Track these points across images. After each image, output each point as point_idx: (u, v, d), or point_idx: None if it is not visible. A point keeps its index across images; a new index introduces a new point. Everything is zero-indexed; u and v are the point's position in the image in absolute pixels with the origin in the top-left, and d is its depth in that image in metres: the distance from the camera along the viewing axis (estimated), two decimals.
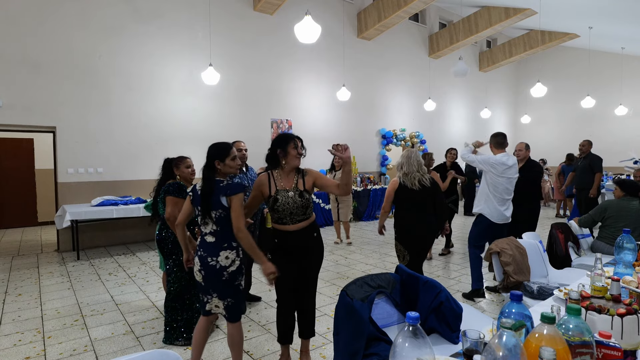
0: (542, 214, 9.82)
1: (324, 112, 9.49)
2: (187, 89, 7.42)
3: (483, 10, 10.41)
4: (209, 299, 2.28)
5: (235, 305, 2.28)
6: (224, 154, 2.28)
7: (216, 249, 2.22)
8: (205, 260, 2.22)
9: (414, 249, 3.32)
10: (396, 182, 3.33)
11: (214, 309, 2.30)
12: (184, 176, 3.18)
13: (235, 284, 2.27)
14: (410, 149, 3.47)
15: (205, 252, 2.23)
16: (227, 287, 2.25)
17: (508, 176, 3.73)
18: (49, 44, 6.07)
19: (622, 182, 3.87)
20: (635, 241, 2.13)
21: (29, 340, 3.08)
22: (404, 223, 3.31)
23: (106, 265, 5.31)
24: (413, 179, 3.25)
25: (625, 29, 10.17)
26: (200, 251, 2.25)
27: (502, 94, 14.99)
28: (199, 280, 2.28)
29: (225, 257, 2.23)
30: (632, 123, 12.65)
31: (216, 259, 2.21)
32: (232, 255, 2.24)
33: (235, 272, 2.26)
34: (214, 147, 2.30)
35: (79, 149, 6.36)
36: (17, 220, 8.54)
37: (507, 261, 2.75)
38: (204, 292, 2.29)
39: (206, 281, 2.24)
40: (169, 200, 2.90)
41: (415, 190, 3.24)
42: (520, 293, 1.19)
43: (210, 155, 2.27)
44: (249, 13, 8.18)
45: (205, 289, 2.27)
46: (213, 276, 2.22)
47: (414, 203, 3.26)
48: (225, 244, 2.24)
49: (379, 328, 1.75)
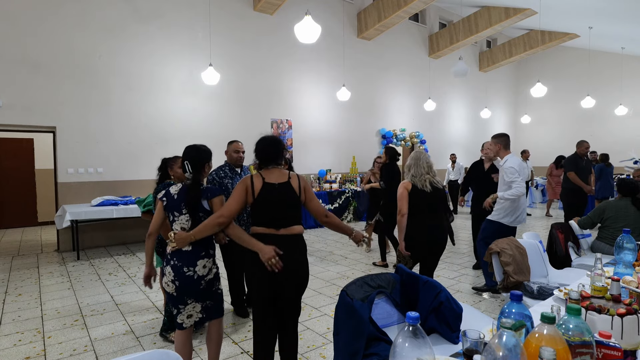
0: (543, 214, 9.82)
1: (324, 112, 9.50)
2: (187, 89, 7.42)
3: (483, 10, 10.41)
4: (182, 309, 2.15)
5: (215, 305, 2.24)
6: (210, 158, 2.29)
7: (194, 257, 2.11)
8: (181, 270, 2.08)
9: (427, 256, 3.11)
10: (408, 184, 3.08)
11: (185, 321, 2.17)
12: (178, 176, 3.15)
13: (213, 289, 2.20)
14: (419, 150, 3.32)
15: (180, 262, 2.09)
16: (206, 293, 2.17)
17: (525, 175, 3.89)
18: (49, 44, 6.08)
19: (619, 182, 3.89)
20: (635, 241, 2.13)
21: (29, 340, 3.08)
22: (414, 232, 3.04)
23: (106, 265, 5.31)
24: (423, 182, 3.07)
25: (625, 29, 10.18)
26: (174, 260, 2.10)
27: (502, 94, 14.99)
28: (170, 291, 2.12)
29: (203, 266, 2.13)
30: (632, 123, 12.65)
31: (193, 269, 2.10)
32: (209, 263, 2.17)
33: (213, 279, 2.19)
34: (205, 151, 2.28)
35: (79, 149, 6.36)
36: (17, 220, 8.54)
37: (507, 261, 2.75)
38: (176, 303, 2.14)
39: (180, 291, 2.10)
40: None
41: (427, 192, 3.04)
42: (520, 293, 1.19)
43: (202, 158, 2.23)
44: (249, 13, 8.18)
45: (179, 299, 2.13)
46: (189, 286, 2.10)
47: (426, 206, 3.05)
48: (202, 252, 2.14)
49: (379, 328, 1.75)
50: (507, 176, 3.74)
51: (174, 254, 2.12)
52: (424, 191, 3.04)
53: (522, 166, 3.78)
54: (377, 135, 10.73)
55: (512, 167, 3.71)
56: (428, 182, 3.06)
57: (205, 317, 2.21)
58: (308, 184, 2.26)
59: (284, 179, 2.16)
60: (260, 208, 2.12)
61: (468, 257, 5.60)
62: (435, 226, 3.07)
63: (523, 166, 3.82)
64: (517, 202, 3.81)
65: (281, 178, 2.16)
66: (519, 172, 3.69)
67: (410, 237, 3.06)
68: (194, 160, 2.21)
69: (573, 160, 6.10)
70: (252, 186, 2.11)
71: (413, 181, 3.08)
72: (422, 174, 3.09)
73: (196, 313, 2.18)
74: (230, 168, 3.45)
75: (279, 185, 2.13)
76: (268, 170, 2.19)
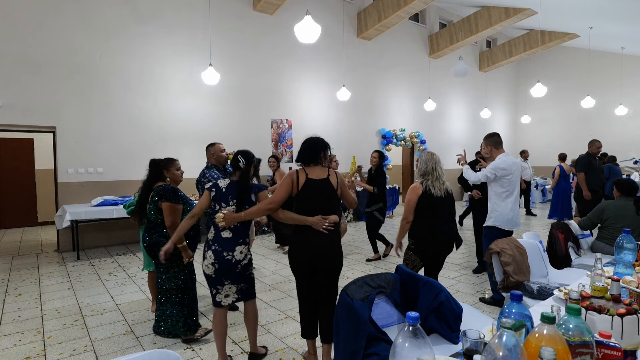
0: (543, 214, 9.82)
1: (324, 112, 9.50)
2: (187, 89, 7.42)
3: (483, 10, 10.41)
4: (220, 289, 2.47)
5: (247, 288, 2.56)
6: (256, 162, 2.66)
7: (233, 244, 2.45)
8: (221, 254, 2.42)
9: (431, 259, 3.08)
10: (419, 189, 3.01)
11: (223, 300, 2.49)
12: (174, 178, 3.14)
13: (247, 273, 2.54)
14: (431, 152, 3.19)
15: (221, 247, 2.43)
16: (241, 276, 2.50)
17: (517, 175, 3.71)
18: (49, 44, 6.08)
19: (618, 182, 3.89)
20: (635, 241, 2.13)
21: (29, 340, 3.08)
22: (425, 232, 3.01)
23: (106, 265, 5.31)
24: (441, 185, 3.03)
25: (625, 29, 10.18)
26: (215, 246, 2.44)
27: (502, 94, 15.00)
28: (209, 273, 2.45)
29: (240, 251, 2.47)
30: (632, 123, 12.65)
31: (232, 254, 2.44)
32: (245, 250, 2.51)
33: (247, 264, 2.53)
34: (254, 156, 2.63)
35: (79, 149, 6.36)
36: (17, 220, 8.54)
37: (507, 261, 2.75)
38: (215, 284, 2.47)
39: (218, 273, 2.43)
40: (167, 208, 2.87)
41: (441, 197, 3.00)
42: (520, 293, 1.19)
43: (253, 158, 2.59)
44: (249, 13, 8.18)
45: (217, 280, 2.46)
46: (227, 268, 2.43)
47: (437, 211, 3.01)
48: (240, 239, 2.48)
49: (379, 328, 1.75)
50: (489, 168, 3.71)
51: (214, 240, 2.46)
52: (436, 196, 2.99)
53: (511, 165, 3.66)
54: (377, 135, 10.73)
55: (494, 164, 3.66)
56: (442, 188, 3.02)
57: (240, 297, 2.54)
58: (344, 180, 2.59)
59: (324, 176, 2.46)
60: (303, 199, 2.42)
61: (468, 257, 5.60)
62: (445, 229, 3.04)
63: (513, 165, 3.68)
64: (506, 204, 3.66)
65: (322, 174, 2.46)
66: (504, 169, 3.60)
67: (420, 235, 3.03)
68: (249, 158, 2.55)
69: (586, 159, 5.96)
70: (297, 180, 2.42)
71: (429, 186, 3.01)
72: (441, 177, 3.05)
73: (232, 293, 2.51)
74: (218, 168, 3.62)
75: (319, 181, 2.43)
76: (310, 167, 2.48)
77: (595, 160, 6.02)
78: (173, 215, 2.86)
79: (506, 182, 3.66)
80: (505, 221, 3.67)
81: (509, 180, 3.66)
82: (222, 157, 3.61)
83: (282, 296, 4.04)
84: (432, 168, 3.05)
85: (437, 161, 3.07)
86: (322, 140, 2.52)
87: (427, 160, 3.08)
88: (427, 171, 3.06)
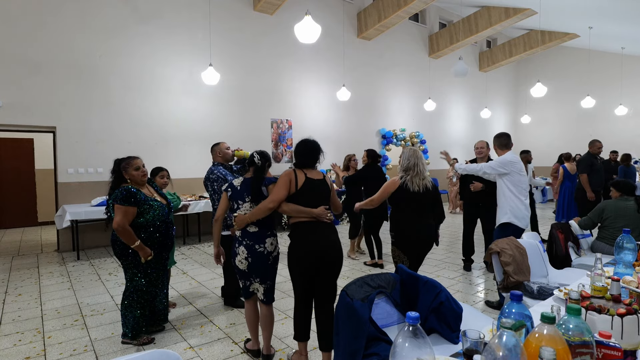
0: (542, 214, 9.82)
1: (324, 112, 9.50)
2: (187, 89, 7.42)
3: (483, 10, 10.41)
4: (249, 284, 2.60)
5: (272, 287, 2.64)
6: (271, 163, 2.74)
7: (262, 236, 2.55)
8: (253, 247, 2.52)
9: (414, 253, 3.14)
10: (397, 182, 3.10)
11: (255, 290, 2.62)
12: (134, 179, 2.93)
13: (275, 267, 2.64)
14: (414, 148, 3.25)
15: (252, 241, 2.53)
16: (269, 271, 2.59)
17: (524, 174, 3.81)
18: (49, 44, 6.08)
19: (617, 182, 3.88)
20: (635, 241, 2.13)
21: (29, 340, 3.08)
22: (403, 227, 3.10)
23: (106, 265, 5.31)
24: (420, 181, 3.07)
25: (625, 29, 10.18)
26: (246, 241, 2.54)
27: (502, 94, 15.00)
28: (242, 268, 2.55)
29: (270, 243, 2.59)
30: (632, 123, 12.65)
31: (263, 246, 2.54)
32: (274, 241, 2.63)
33: (277, 256, 2.65)
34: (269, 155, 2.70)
35: (79, 149, 6.36)
36: (17, 220, 8.54)
37: (507, 261, 2.75)
38: (245, 278, 2.59)
39: (251, 267, 2.53)
40: (115, 210, 2.78)
41: (418, 193, 3.05)
42: (520, 293, 1.19)
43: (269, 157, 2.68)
44: (249, 13, 8.18)
45: (248, 275, 2.57)
46: (259, 261, 2.53)
47: (413, 206, 3.07)
48: (268, 232, 2.59)
49: (379, 328, 1.75)
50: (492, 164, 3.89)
51: (244, 235, 2.55)
52: (412, 191, 3.05)
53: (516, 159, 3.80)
54: (377, 135, 10.73)
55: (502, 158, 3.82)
56: (422, 184, 3.08)
57: (264, 300, 2.61)
58: (333, 185, 2.72)
59: (321, 177, 2.58)
60: (302, 198, 2.47)
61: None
62: (423, 226, 3.10)
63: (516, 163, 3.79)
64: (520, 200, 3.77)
65: (318, 176, 2.57)
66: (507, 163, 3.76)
67: (400, 230, 3.12)
68: (265, 156, 2.64)
69: (587, 160, 5.92)
70: (295, 179, 2.47)
71: (407, 181, 3.07)
72: (422, 172, 3.11)
73: (259, 293, 2.61)
74: (224, 166, 3.67)
75: (317, 181, 2.53)
76: (307, 169, 2.57)
77: (597, 160, 6.01)
78: (120, 216, 2.75)
79: (517, 179, 3.76)
80: (521, 217, 3.76)
81: (521, 176, 3.77)
82: (227, 153, 3.67)
83: (282, 296, 4.04)
84: (414, 164, 3.11)
85: (419, 157, 3.13)
86: (319, 144, 2.62)
87: (409, 156, 3.14)
88: (409, 167, 3.12)
